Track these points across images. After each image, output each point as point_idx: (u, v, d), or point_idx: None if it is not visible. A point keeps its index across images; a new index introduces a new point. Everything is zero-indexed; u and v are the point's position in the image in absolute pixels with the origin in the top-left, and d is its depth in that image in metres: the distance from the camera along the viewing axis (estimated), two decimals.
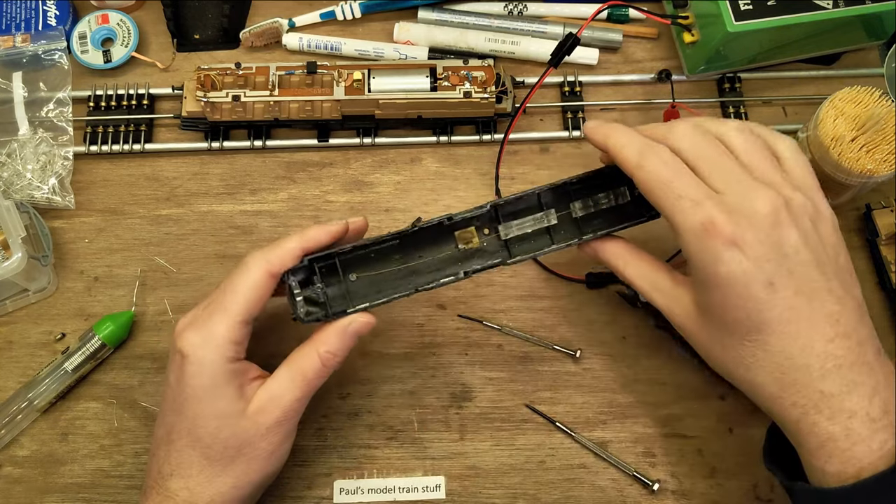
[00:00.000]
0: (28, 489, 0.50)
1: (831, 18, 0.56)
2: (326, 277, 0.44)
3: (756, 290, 0.37)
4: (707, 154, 0.39)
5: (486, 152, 0.60)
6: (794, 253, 0.37)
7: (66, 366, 0.52)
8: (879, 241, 0.55)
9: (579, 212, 0.46)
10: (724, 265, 0.37)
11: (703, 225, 0.37)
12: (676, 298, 0.42)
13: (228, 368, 0.41)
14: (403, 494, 0.50)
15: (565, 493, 0.50)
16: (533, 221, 0.46)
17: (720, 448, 0.51)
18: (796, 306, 0.37)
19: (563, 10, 0.65)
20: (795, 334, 0.37)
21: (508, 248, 0.46)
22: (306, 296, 0.43)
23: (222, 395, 0.41)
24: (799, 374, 0.37)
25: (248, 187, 0.59)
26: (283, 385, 0.43)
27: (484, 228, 0.46)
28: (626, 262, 0.44)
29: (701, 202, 0.37)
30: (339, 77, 0.57)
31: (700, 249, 0.37)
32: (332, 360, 0.43)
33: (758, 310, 0.37)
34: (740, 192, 0.38)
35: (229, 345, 0.41)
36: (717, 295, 0.38)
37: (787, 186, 0.39)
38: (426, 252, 0.45)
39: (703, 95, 0.62)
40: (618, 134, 0.42)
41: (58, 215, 0.58)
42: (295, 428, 0.44)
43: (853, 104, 0.53)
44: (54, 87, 0.60)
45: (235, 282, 0.42)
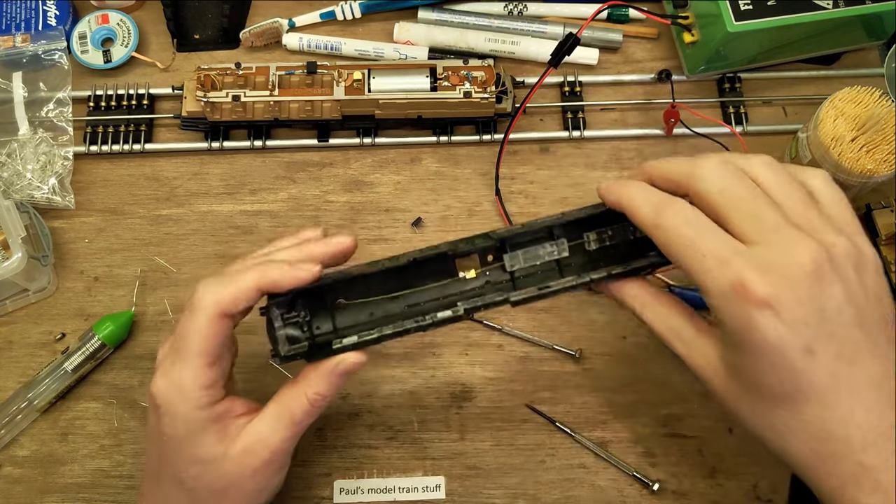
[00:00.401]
0: (28, 489, 0.50)
1: (831, 18, 0.56)
2: (311, 304, 0.40)
3: (793, 357, 0.33)
4: (737, 196, 0.35)
5: (486, 152, 0.60)
6: (836, 313, 0.33)
7: (66, 366, 0.52)
8: (879, 241, 0.55)
9: (594, 244, 0.41)
10: (758, 331, 0.33)
11: (732, 286, 0.33)
12: (700, 350, 0.38)
13: (203, 415, 0.39)
14: (403, 494, 0.50)
15: (565, 493, 0.50)
16: (542, 253, 0.41)
17: (720, 448, 0.51)
18: (836, 373, 0.33)
19: (563, 10, 0.65)
20: (835, 404, 0.34)
21: (514, 281, 0.42)
22: (288, 332, 0.39)
23: (200, 441, 0.39)
24: (838, 446, 0.34)
25: (248, 187, 0.59)
26: (269, 426, 0.40)
27: (488, 256, 0.42)
28: (643, 304, 0.40)
29: (729, 260, 0.33)
30: (339, 77, 0.57)
31: (730, 313, 0.34)
32: (321, 401, 0.40)
33: (794, 379, 0.33)
34: (776, 242, 0.34)
35: (199, 391, 0.38)
36: (749, 360, 0.34)
37: (829, 230, 0.34)
38: (424, 280, 0.41)
39: (703, 95, 0.62)
40: (631, 190, 0.38)
41: (58, 215, 0.58)
42: (287, 463, 0.42)
43: (853, 104, 0.53)
44: (54, 87, 0.60)
45: (187, 325, 0.38)
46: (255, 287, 0.38)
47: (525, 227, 0.41)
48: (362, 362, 0.40)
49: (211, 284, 0.39)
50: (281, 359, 0.39)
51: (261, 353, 0.52)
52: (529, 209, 0.58)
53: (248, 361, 0.52)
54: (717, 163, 0.36)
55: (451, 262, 0.42)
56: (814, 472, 0.35)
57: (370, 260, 0.40)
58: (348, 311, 0.41)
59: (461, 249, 0.40)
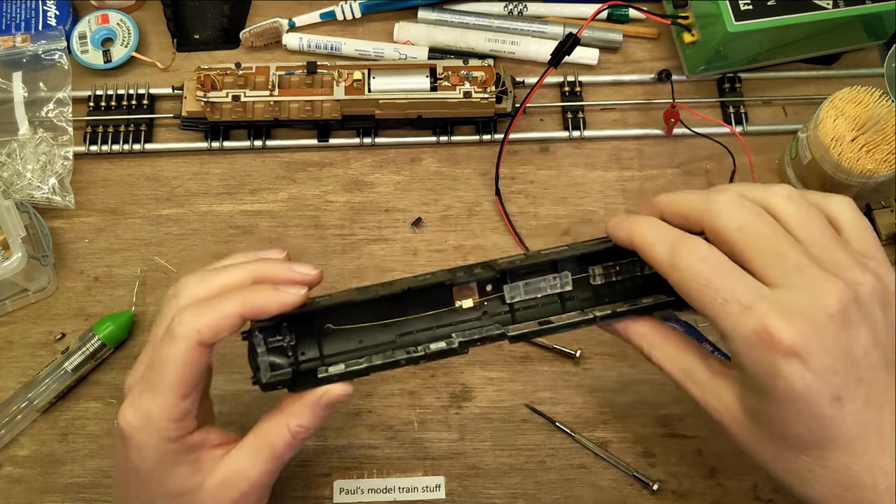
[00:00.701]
0: (28, 489, 0.50)
1: (831, 18, 0.56)
2: (297, 327, 0.38)
3: (821, 406, 0.32)
4: (756, 234, 0.33)
5: (486, 152, 0.60)
6: (863, 357, 0.32)
7: (66, 366, 0.52)
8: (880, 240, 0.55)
9: (599, 279, 0.39)
10: (785, 380, 0.31)
11: (756, 333, 0.31)
12: (716, 393, 0.36)
13: (174, 448, 0.36)
14: (403, 494, 0.50)
15: (565, 493, 0.50)
16: (544, 286, 0.39)
17: (720, 448, 0.51)
18: (865, 420, 0.32)
19: (563, 10, 0.65)
20: (863, 451, 0.32)
21: (513, 315, 0.40)
22: (271, 359, 0.37)
23: (171, 475, 0.37)
24: (864, 493, 0.33)
25: (248, 187, 0.59)
26: (248, 457, 0.38)
27: (487, 286, 0.40)
28: (651, 343, 0.38)
29: (752, 305, 0.32)
30: (339, 77, 0.57)
31: (754, 359, 0.32)
32: (304, 433, 0.38)
33: (822, 427, 0.32)
34: (802, 284, 0.32)
35: (169, 424, 0.36)
36: (774, 408, 0.33)
37: (855, 267, 0.33)
38: (418, 308, 0.39)
39: (703, 95, 0.62)
40: (643, 227, 0.36)
41: (58, 215, 0.58)
42: (268, 494, 0.40)
43: (853, 104, 0.53)
44: (54, 87, 0.60)
45: (163, 355, 0.36)
46: (239, 314, 0.36)
47: (528, 258, 0.39)
48: (348, 394, 0.38)
49: (189, 314, 0.36)
50: (262, 386, 0.37)
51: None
52: (529, 209, 0.58)
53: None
54: (734, 197, 0.35)
55: (447, 290, 0.39)
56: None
57: (361, 285, 0.39)
58: (336, 338, 0.39)
59: (459, 279, 0.38)
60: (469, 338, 0.38)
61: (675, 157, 0.60)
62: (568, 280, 0.39)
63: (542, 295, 0.39)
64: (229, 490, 0.38)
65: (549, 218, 0.58)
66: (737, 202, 0.34)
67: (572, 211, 0.58)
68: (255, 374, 0.37)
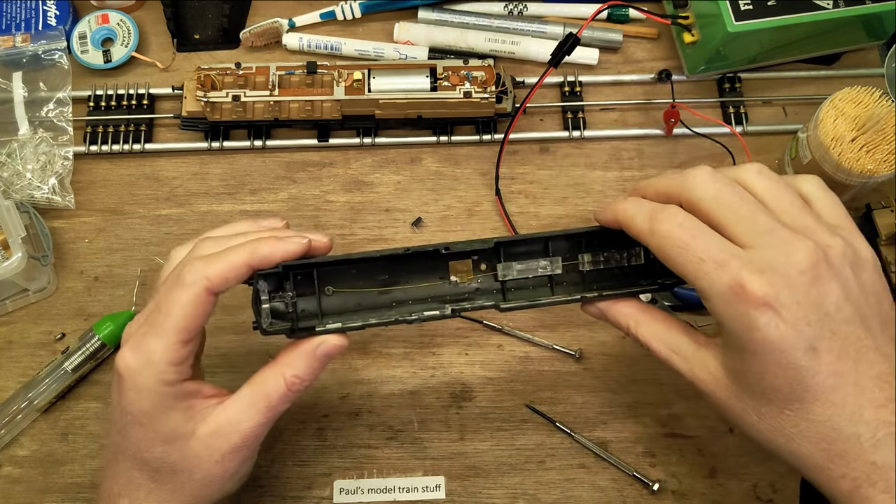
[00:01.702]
0: (28, 489, 0.50)
1: (831, 18, 0.56)
2: (300, 286, 0.40)
3: (796, 356, 0.33)
4: (729, 202, 0.35)
5: (486, 152, 0.60)
6: (835, 310, 0.33)
7: (66, 366, 0.52)
8: (879, 241, 0.55)
9: (588, 265, 0.42)
10: (759, 331, 0.33)
11: (731, 289, 0.33)
12: (701, 363, 0.37)
13: (170, 392, 0.38)
14: (403, 494, 0.50)
15: (565, 493, 0.50)
16: (536, 267, 0.42)
17: (720, 448, 0.51)
18: (841, 371, 0.33)
19: (563, 10, 0.65)
20: (842, 402, 0.33)
21: (504, 292, 0.42)
22: (273, 305, 0.39)
23: (165, 419, 0.38)
24: (848, 445, 0.33)
25: (248, 187, 0.59)
26: (242, 409, 0.39)
27: (481, 264, 0.42)
28: (637, 322, 0.40)
29: (726, 263, 0.34)
30: (339, 77, 0.57)
31: (731, 315, 0.34)
32: (299, 385, 0.39)
33: (799, 378, 0.33)
34: (772, 244, 0.34)
35: (168, 367, 0.37)
36: (753, 362, 0.34)
37: (824, 231, 0.35)
38: (415, 277, 0.41)
39: (703, 95, 0.62)
40: (624, 205, 0.38)
41: (58, 215, 0.58)
42: (257, 450, 0.41)
43: (853, 104, 0.53)
44: (54, 87, 0.60)
45: (171, 299, 0.37)
46: (245, 263, 0.38)
47: (522, 236, 0.41)
48: (343, 346, 0.39)
49: (199, 262, 0.38)
50: (262, 332, 0.39)
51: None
52: (529, 209, 0.58)
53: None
54: (708, 171, 0.37)
55: (444, 265, 0.42)
56: (825, 473, 0.34)
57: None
58: (336, 299, 0.41)
59: (456, 248, 0.41)
60: (461, 306, 0.40)
61: (676, 157, 0.60)
62: (558, 264, 0.41)
63: (532, 276, 0.42)
64: (221, 441, 0.38)
65: (549, 218, 0.58)
66: (711, 177, 0.36)
67: (572, 211, 0.58)
68: (256, 319, 0.39)
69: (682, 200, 0.37)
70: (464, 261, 0.41)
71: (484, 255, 0.42)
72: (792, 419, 0.34)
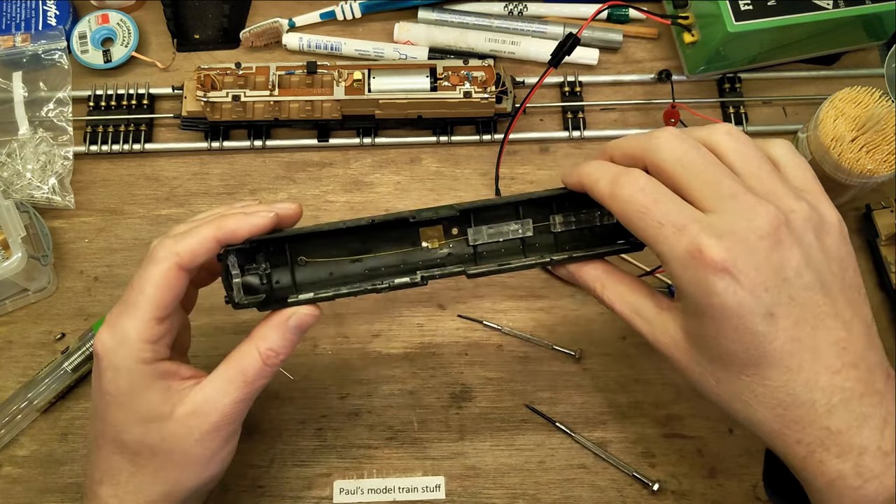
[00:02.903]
0: (28, 489, 0.50)
1: (831, 18, 0.56)
2: (273, 258, 0.40)
3: (753, 322, 0.33)
4: (693, 165, 0.35)
5: (486, 152, 0.60)
6: (795, 276, 0.33)
7: (66, 365, 0.52)
8: (879, 241, 0.55)
9: (559, 226, 0.42)
10: (717, 296, 0.33)
11: (689, 252, 0.33)
12: (662, 326, 0.37)
13: (146, 371, 0.37)
14: (403, 494, 0.50)
15: (565, 493, 0.50)
16: (507, 230, 0.42)
17: (720, 448, 0.51)
18: (799, 337, 0.33)
19: (563, 10, 0.65)
20: (798, 368, 0.33)
21: (476, 256, 0.42)
22: (245, 280, 0.39)
23: (143, 399, 0.38)
24: (803, 411, 0.34)
25: (248, 187, 0.59)
26: (220, 387, 0.38)
27: (452, 229, 0.42)
28: (603, 284, 0.40)
29: (685, 227, 0.33)
30: (339, 77, 0.57)
31: (688, 279, 0.33)
32: (275, 358, 0.39)
33: (756, 343, 0.33)
34: (734, 209, 0.34)
35: (144, 345, 0.37)
36: (711, 327, 0.34)
37: (790, 195, 0.35)
38: (387, 245, 0.42)
39: (703, 95, 0.62)
40: (588, 168, 0.38)
41: (58, 215, 0.58)
42: (238, 431, 0.40)
43: (853, 104, 0.53)
44: (54, 86, 0.60)
45: (143, 276, 0.38)
46: (213, 237, 0.38)
47: (490, 201, 0.41)
48: (315, 315, 0.39)
49: (168, 238, 0.38)
50: (234, 305, 0.39)
51: None
52: None
53: None
54: (674, 133, 0.36)
55: (415, 232, 0.42)
56: (781, 438, 0.35)
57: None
58: (308, 270, 0.41)
59: (423, 216, 0.40)
60: (430, 273, 0.40)
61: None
62: (529, 227, 0.42)
63: (503, 239, 0.42)
64: (199, 420, 0.38)
65: None
66: (677, 139, 0.36)
67: None
68: (227, 293, 0.39)
69: (646, 163, 0.37)
70: (435, 227, 0.41)
71: (455, 220, 0.42)
72: (748, 384, 0.35)
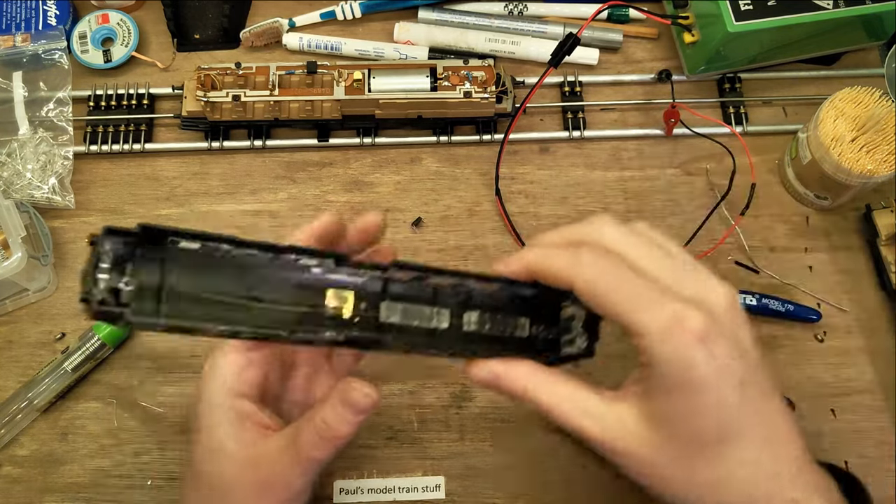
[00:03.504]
0: (28, 489, 0.50)
1: (831, 18, 0.56)
2: (144, 264, 0.31)
3: (728, 392, 0.32)
4: (642, 247, 0.34)
5: (486, 152, 0.60)
6: (750, 348, 0.33)
7: (66, 365, 0.52)
8: (879, 241, 0.55)
9: (473, 325, 0.36)
10: (696, 368, 0.31)
11: (670, 323, 0.31)
12: (617, 420, 0.34)
13: (226, 402, 0.37)
14: (403, 494, 0.50)
15: (565, 493, 0.50)
16: (419, 317, 0.36)
17: None
18: (763, 409, 0.33)
19: (563, 10, 0.65)
20: (766, 440, 0.33)
21: (382, 334, 0.35)
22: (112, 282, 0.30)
23: (218, 429, 0.37)
24: (772, 484, 0.33)
25: (248, 187, 0.59)
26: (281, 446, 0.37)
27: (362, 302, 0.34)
28: (535, 384, 0.35)
29: (662, 298, 0.32)
30: (339, 77, 0.57)
31: (668, 351, 0.32)
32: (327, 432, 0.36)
33: (729, 416, 0.32)
34: (695, 282, 0.33)
35: (231, 374, 0.37)
36: (683, 403, 0.32)
37: (716, 279, 0.35)
38: (282, 290, 0.33)
39: (703, 95, 0.62)
40: (535, 251, 0.35)
41: (58, 215, 0.58)
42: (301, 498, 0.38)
43: (853, 104, 0.53)
44: (54, 86, 0.60)
45: None
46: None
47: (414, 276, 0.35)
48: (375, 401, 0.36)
49: None
50: (90, 308, 0.30)
51: None
52: (529, 209, 0.58)
53: None
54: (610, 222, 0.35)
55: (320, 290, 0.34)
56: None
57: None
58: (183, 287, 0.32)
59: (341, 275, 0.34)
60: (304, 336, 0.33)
61: (675, 157, 0.60)
62: (445, 318, 0.36)
63: (416, 324, 0.36)
64: (255, 473, 0.37)
65: (550, 218, 0.58)
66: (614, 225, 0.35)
67: (572, 211, 0.58)
68: (86, 290, 0.30)
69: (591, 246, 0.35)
70: (344, 291, 0.34)
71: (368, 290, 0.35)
72: (722, 465, 0.33)
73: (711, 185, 0.59)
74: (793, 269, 0.56)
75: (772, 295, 0.54)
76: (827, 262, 0.57)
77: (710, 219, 0.57)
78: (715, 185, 0.59)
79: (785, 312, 0.54)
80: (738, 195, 0.57)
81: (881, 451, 0.52)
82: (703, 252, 0.56)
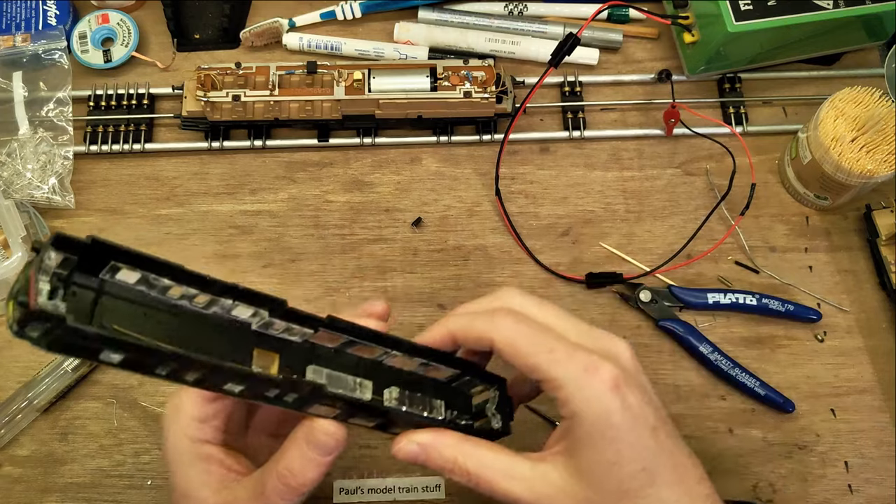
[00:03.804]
0: (28, 489, 0.50)
1: (831, 19, 0.56)
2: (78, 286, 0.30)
3: (645, 437, 0.34)
4: (549, 311, 0.37)
5: (486, 152, 0.60)
6: (653, 396, 0.36)
7: (66, 365, 0.51)
8: (879, 241, 0.55)
9: (394, 401, 0.36)
10: (615, 413, 0.33)
11: (586, 372, 0.33)
12: (543, 478, 0.35)
13: (190, 448, 0.36)
14: (403, 494, 0.50)
15: None
16: (344, 386, 0.35)
17: (720, 448, 0.51)
18: (674, 451, 0.35)
19: (563, 10, 0.65)
20: (679, 480, 0.35)
21: (305, 395, 0.33)
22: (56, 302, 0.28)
23: (182, 473, 0.36)
24: None
25: (248, 187, 0.59)
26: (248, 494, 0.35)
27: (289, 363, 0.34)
28: (464, 453, 0.35)
29: (575, 351, 0.34)
30: (339, 77, 0.57)
31: (587, 399, 0.33)
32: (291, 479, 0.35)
33: (649, 459, 0.34)
34: (598, 339, 0.36)
35: (191, 422, 0.36)
36: (608, 451, 0.33)
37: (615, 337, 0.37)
38: (211, 342, 0.32)
39: (703, 95, 0.62)
40: (455, 318, 0.37)
41: (58, 215, 0.58)
42: None
43: (853, 104, 0.53)
44: (54, 86, 0.60)
45: None
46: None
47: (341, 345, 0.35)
48: (340, 441, 0.35)
49: None
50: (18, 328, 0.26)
51: None
52: (529, 209, 0.58)
53: None
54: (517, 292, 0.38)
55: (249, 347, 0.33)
56: None
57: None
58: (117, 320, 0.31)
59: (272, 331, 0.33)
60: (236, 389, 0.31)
61: (675, 157, 0.60)
62: (367, 390, 0.36)
63: (338, 392, 0.34)
64: None
65: (549, 218, 0.58)
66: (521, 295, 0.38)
67: (572, 211, 0.58)
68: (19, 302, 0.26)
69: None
70: (270, 353, 0.33)
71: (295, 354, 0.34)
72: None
73: (711, 185, 0.59)
74: (793, 268, 0.57)
75: (772, 295, 0.54)
76: (827, 262, 0.57)
77: (710, 219, 0.57)
78: (715, 185, 0.59)
79: (785, 312, 0.54)
80: (738, 195, 0.57)
81: (881, 451, 0.52)
82: (703, 252, 0.56)
